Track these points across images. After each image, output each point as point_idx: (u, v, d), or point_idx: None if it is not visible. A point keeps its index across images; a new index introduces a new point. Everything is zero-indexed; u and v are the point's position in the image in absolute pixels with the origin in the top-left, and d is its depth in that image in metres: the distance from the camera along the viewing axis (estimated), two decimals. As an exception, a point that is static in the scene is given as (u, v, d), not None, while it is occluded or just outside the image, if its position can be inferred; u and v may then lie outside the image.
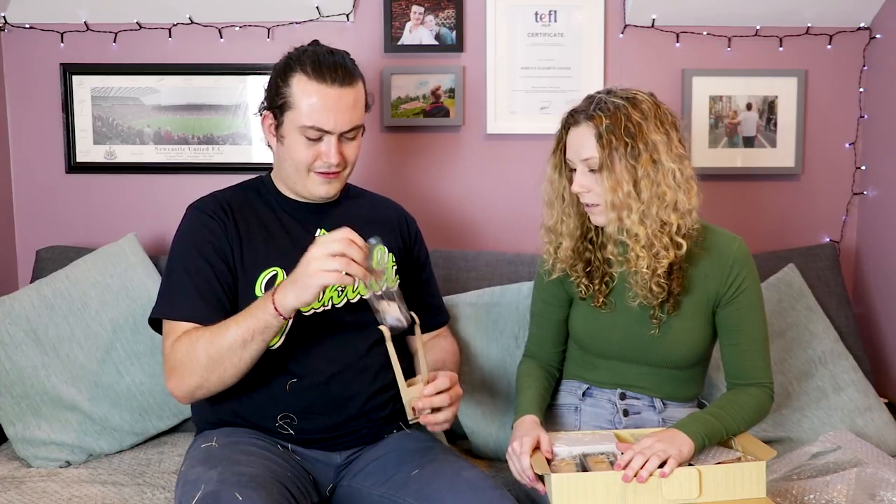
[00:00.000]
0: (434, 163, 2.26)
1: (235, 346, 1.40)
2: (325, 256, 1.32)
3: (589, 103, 1.51)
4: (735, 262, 1.54)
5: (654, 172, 1.46)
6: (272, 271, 1.55)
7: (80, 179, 2.24)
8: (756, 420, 1.53)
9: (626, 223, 1.48)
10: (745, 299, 1.54)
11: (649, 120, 1.48)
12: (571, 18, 2.20)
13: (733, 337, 1.56)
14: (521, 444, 1.42)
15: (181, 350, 1.45)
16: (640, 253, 1.48)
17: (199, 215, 1.58)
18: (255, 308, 1.40)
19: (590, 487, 1.30)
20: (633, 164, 1.45)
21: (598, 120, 1.46)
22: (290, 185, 1.61)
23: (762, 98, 2.24)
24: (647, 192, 1.46)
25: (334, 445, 1.57)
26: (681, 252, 1.49)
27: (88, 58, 2.19)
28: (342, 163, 1.56)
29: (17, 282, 2.26)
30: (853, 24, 2.23)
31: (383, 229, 1.70)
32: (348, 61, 1.55)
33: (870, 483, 1.58)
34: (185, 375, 1.45)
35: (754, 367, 1.55)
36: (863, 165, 2.27)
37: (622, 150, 1.45)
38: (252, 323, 1.40)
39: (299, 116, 1.52)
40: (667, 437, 1.38)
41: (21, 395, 1.84)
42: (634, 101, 1.49)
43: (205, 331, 1.45)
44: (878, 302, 2.22)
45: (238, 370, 1.43)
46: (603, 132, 1.45)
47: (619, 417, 1.61)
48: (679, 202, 1.48)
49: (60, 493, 1.65)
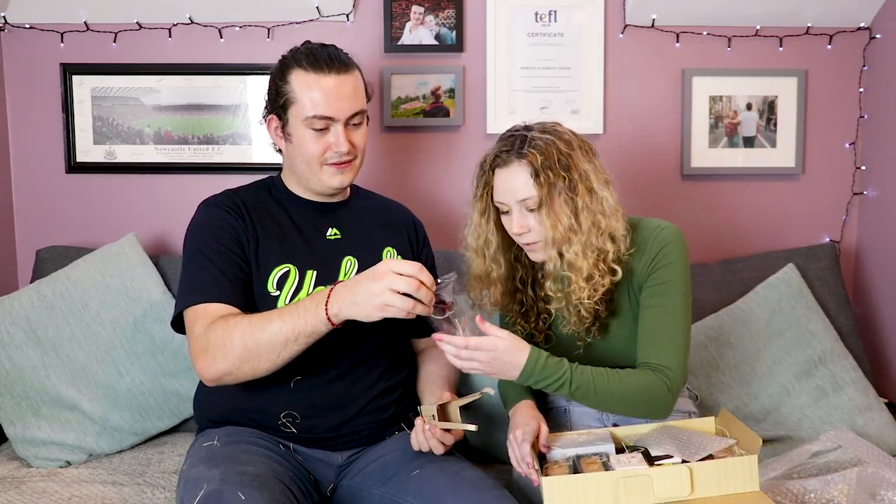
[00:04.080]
0: (434, 163, 2.26)
1: (276, 343, 1.38)
2: (392, 293, 1.30)
3: (513, 142, 1.46)
4: (659, 250, 1.48)
5: (591, 202, 1.44)
6: (285, 267, 1.55)
7: (80, 179, 2.24)
8: (643, 401, 1.43)
9: (568, 257, 1.44)
10: (657, 278, 1.47)
11: (576, 150, 1.46)
12: (571, 18, 2.20)
13: (644, 314, 1.49)
14: (523, 434, 1.42)
15: (216, 333, 1.41)
16: (582, 285, 1.44)
17: (213, 209, 1.57)
18: (304, 310, 1.37)
19: (581, 489, 1.31)
20: (572, 196, 1.43)
21: (532, 157, 1.42)
22: (304, 181, 1.61)
23: (762, 98, 2.24)
24: (586, 223, 1.43)
25: (336, 445, 1.57)
26: (615, 278, 1.46)
27: (88, 58, 2.19)
28: (352, 150, 1.57)
29: (17, 282, 2.26)
30: (853, 24, 2.23)
31: (392, 232, 1.70)
32: (341, 52, 1.57)
33: (870, 482, 1.58)
34: (216, 358, 1.41)
35: (653, 349, 1.45)
36: (863, 165, 2.27)
37: (560, 185, 1.42)
38: (299, 325, 1.37)
39: (303, 109, 1.53)
40: (504, 360, 1.36)
41: (21, 395, 1.84)
42: (558, 133, 1.46)
43: (243, 318, 1.42)
44: (878, 302, 2.22)
45: (273, 365, 1.41)
46: (539, 169, 1.41)
47: (607, 415, 1.60)
48: (613, 229, 1.45)
49: (60, 493, 1.65)
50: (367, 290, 1.32)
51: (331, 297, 1.36)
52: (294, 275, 1.55)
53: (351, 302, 1.34)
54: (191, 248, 1.55)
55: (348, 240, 1.64)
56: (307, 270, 1.56)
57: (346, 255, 1.61)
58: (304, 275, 1.56)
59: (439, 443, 1.46)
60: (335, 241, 1.63)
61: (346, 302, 1.34)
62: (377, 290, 1.30)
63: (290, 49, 1.60)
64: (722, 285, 2.11)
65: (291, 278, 1.54)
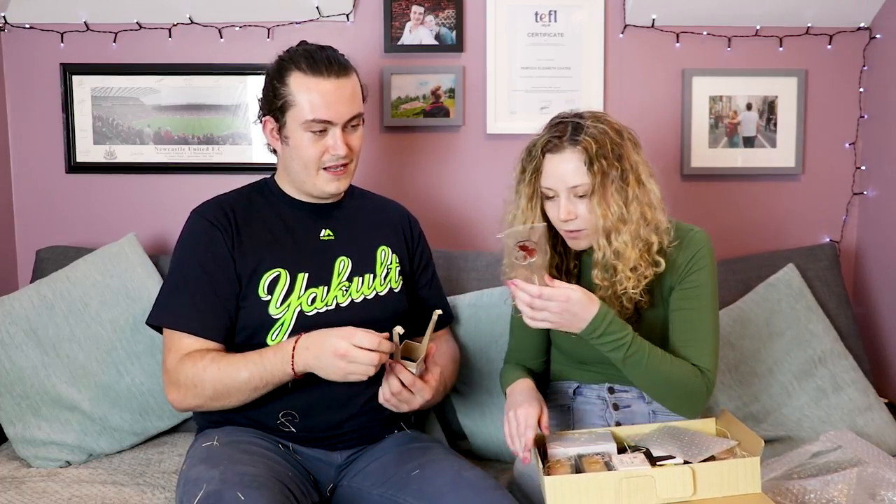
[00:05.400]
0: (434, 163, 2.26)
1: (245, 389, 1.47)
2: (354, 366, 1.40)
3: (564, 129, 1.48)
4: (695, 253, 1.52)
5: (640, 194, 1.47)
6: (275, 272, 1.56)
7: (80, 179, 2.24)
8: (682, 392, 1.46)
9: (617, 245, 1.46)
10: (692, 281, 1.51)
11: (626, 141, 1.48)
12: (571, 18, 2.20)
13: (676, 316, 1.52)
14: (525, 416, 1.42)
15: (186, 372, 1.49)
16: (628, 274, 1.47)
17: (200, 221, 1.59)
18: (269, 364, 1.46)
19: (584, 489, 1.31)
20: (623, 186, 1.45)
21: (587, 144, 1.44)
22: (299, 185, 1.61)
23: (762, 98, 2.24)
24: (635, 213, 1.46)
25: (335, 444, 1.57)
26: (658, 269, 1.49)
27: (88, 58, 2.19)
28: (349, 154, 1.57)
29: (17, 282, 2.26)
30: (853, 24, 2.23)
31: (386, 231, 1.70)
32: (339, 55, 1.57)
33: (870, 482, 1.58)
34: (187, 396, 1.50)
35: (693, 348, 1.49)
36: (863, 165, 2.27)
37: (613, 174, 1.44)
38: (266, 376, 1.46)
39: (302, 112, 1.53)
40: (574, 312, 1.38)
41: (21, 395, 1.84)
42: (609, 123, 1.49)
43: (212, 361, 1.48)
44: (878, 302, 2.22)
45: (243, 402, 1.51)
46: (594, 157, 1.44)
47: (610, 412, 1.60)
48: (658, 221, 1.49)
49: (60, 493, 1.65)
50: (332, 364, 1.41)
51: (295, 355, 1.44)
52: (285, 278, 1.55)
53: (316, 366, 1.44)
54: (177, 262, 1.60)
55: (342, 240, 1.64)
56: (298, 273, 1.57)
57: (340, 255, 1.62)
58: (296, 277, 1.56)
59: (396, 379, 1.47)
60: (328, 242, 1.63)
61: (311, 364, 1.44)
62: (340, 366, 1.40)
63: (286, 50, 1.59)
64: (722, 285, 2.09)
65: (282, 282, 1.55)
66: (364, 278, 1.62)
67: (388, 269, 1.67)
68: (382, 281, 1.65)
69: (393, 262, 1.68)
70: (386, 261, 1.67)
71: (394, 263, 1.68)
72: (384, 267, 1.66)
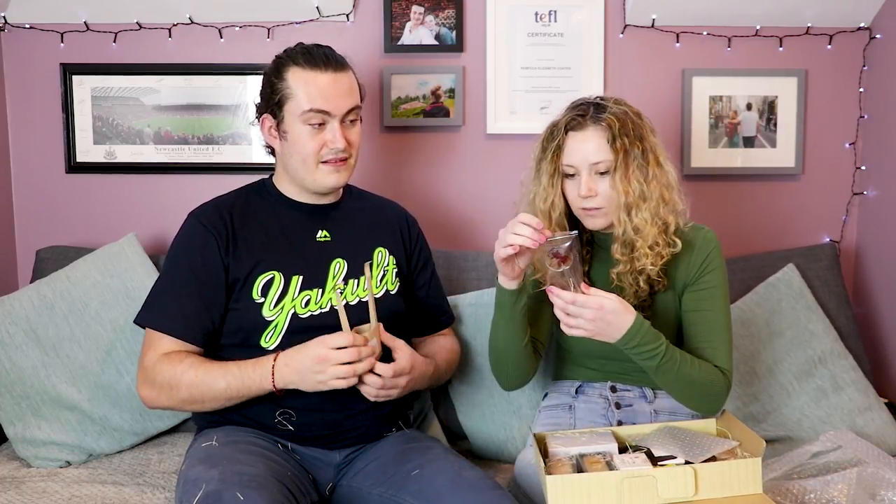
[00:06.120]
0: (434, 163, 2.26)
1: (220, 398, 1.51)
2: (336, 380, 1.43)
3: (587, 109, 1.52)
4: (710, 251, 1.55)
5: (659, 174, 1.50)
6: (269, 275, 1.56)
7: (80, 179, 2.24)
8: (706, 393, 1.49)
9: (637, 222, 1.49)
10: (707, 282, 1.54)
11: (644, 124, 1.53)
12: (571, 18, 2.20)
13: (693, 317, 1.55)
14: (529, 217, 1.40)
15: (164, 373, 1.51)
16: (646, 251, 1.50)
17: (196, 225, 1.60)
18: (249, 378, 1.48)
19: (586, 488, 1.31)
20: (644, 164, 1.49)
21: (610, 121, 1.48)
22: (299, 180, 1.61)
23: (762, 98, 2.24)
24: (655, 192, 1.49)
25: (334, 443, 1.57)
26: (675, 250, 1.52)
27: (88, 58, 2.19)
28: (348, 148, 1.58)
29: (17, 282, 2.25)
30: (853, 24, 2.23)
31: (383, 232, 1.70)
32: (336, 53, 1.59)
33: (870, 482, 1.58)
34: (161, 397, 1.53)
35: (712, 350, 1.52)
36: (863, 165, 2.27)
37: (635, 152, 1.48)
38: (243, 389, 1.49)
39: (299, 104, 1.54)
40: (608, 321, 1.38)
41: (21, 395, 1.84)
42: (629, 106, 1.53)
43: (190, 366, 1.49)
44: (878, 302, 2.22)
45: (216, 409, 1.54)
46: (616, 135, 1.47)
47: (612, 411, 1.61)
48: (675, 202, 1.53)
49: (60, 493, 1.65)
50: (313, 376, 1.44)
51: (276, 373, 1.46)
52: (279, 281, 1.56)
53: (297, 381, 1.46)
54: (168, 264, 1.61)
55: (338, 242, 1.64)
56: (293, 276, 1.57)
57: (336, 257, 1.62)
58: (290, 280, 1.57)
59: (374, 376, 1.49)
60: (324, 244, 1.63)
61: (292, 381, 1.47)
62: (322, 379, 1.43)
63: (283, 50, 1.61)
64: (722, 285, 2.11)
65: (276, 285, 1.56)
66: (360, 281, 1.62)
67: (385, 271, 1.67)
68: (378, 283, 1.65)
69: (390, 264, 1.68)
70: (383, 262, 1.67)
71: (391, 265, 1.68)
72: (381, 269, 1.66)
